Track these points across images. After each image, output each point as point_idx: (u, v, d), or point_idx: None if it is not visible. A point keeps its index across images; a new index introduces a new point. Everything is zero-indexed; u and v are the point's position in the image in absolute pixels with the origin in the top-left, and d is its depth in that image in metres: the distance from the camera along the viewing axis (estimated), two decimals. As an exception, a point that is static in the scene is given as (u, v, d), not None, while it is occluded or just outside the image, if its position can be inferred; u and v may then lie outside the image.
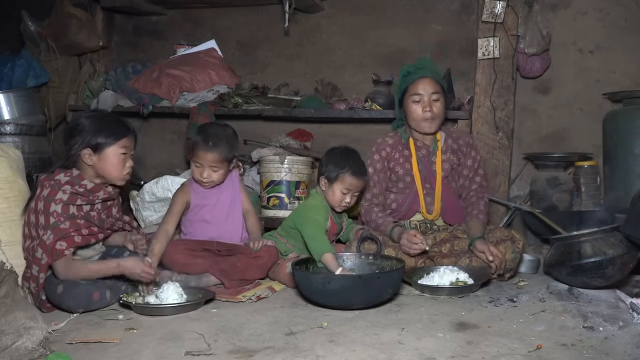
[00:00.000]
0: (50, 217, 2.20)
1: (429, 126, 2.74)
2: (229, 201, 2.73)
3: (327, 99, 3.71)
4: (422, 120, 2.74)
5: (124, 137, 2.33)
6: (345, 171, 2.58)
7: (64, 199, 2.23)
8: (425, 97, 2.71)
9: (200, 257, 2.57)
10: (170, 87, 3.72)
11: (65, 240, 2.17)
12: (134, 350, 1.79)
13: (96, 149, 2.29)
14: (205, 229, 2.70)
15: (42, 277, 2.18)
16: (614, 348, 1.78)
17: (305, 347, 1.80)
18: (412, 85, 2.74)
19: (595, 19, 3.61)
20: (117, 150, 2.31)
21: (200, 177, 2.62)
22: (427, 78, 2.73)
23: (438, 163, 2.80)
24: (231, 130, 2.71)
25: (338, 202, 2.64)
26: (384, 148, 2.84)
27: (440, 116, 2.76)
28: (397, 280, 2.27)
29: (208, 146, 2.57)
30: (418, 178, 2.79)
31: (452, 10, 3.83)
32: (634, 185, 3.00)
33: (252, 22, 4.18)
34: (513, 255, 2.54)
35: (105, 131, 2.30)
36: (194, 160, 2.63)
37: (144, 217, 3.18)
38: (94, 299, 2.19)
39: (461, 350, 1.77)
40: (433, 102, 2.72)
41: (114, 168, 2.32)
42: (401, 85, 2.81)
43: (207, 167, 2.60)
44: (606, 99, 3.53)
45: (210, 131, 2.63)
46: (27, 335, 1.70)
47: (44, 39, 4.06)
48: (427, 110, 2.70)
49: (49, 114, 4.08)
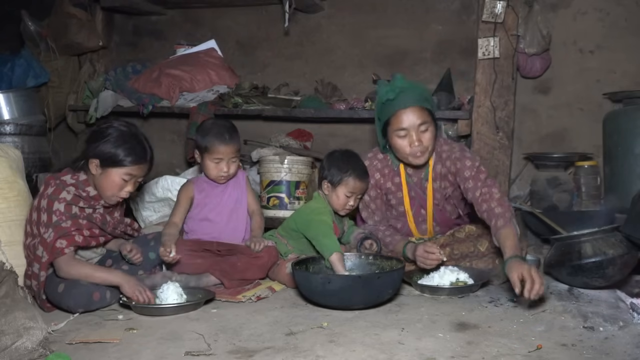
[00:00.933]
0: (52, 216, 2.20)
1: (419, 160, 2.50)
2: (233, 200, 2.75)
3: (327, 99, 3.71)
4: (410, 155, 2.48)
5: (134, 165, 2.27)
6: (349, 175, 2.59)
7: (68, 199, 2.22)
8: (412, 131, 2.42)
9: (201, 258, 2.57)
10: (170, 87, 3.72)
11: (66, 239, 2.17)
12: (134, 350, 1.79)
13: (103, 164, 2.26)
14: (207, 228, 2.71)
15: (42, 275, 2.18)
16: (614, 348, 1.78)
17: (305, 347, 1.80)
18: (394, 118, 2.43)
19: (595, 19, 3.61)
20: (121, 174, 2.27)
21: (220, 172, 2.65)
22: (411, 108, 2.41)
23: (429, 190, 2.65)
24: (230, 122, 2.75)
25: (342, 205, 2.64)
26: (373, 174, 2.66)
27: (431, 146, 2.49)
28: (397, 280, 2.27)
29: (225, 139, 2.62)
30: (410, 212, 2.69)
31: (452, 10, 3.83)
32: (634, 185, 3.00)
33: (252, 22, 4.18)
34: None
35: (120, 151, 2.24)
36: (211, 158, 2.64)
37: (144, 217, 3.17)
38: (95, 299, 2.18)
39: (461, 351, 1.76)
40: (421, 133, 2.43)
41: (109, 188, 2.27)
42: (381, 113, 2.51)
43: (227, 160, 2.64)
44: (606, 99, 3.53)
45: (219, 125, 2.67)
46: (27, 336, 1.69)
47: (43, 39, 4.06)
48: (416, 145, 2.44)
49: (49, 114, 4.08)
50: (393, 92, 2.43)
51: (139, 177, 2.33)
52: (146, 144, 2.34)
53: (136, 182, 2.34)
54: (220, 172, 2.65)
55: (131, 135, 2.30)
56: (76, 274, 2.17)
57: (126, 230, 2.49)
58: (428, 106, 2.48)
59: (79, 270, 2.19)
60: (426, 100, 2.48)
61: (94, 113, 3.78)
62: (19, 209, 2.41)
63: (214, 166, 2.65)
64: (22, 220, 2.41)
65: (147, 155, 2.32)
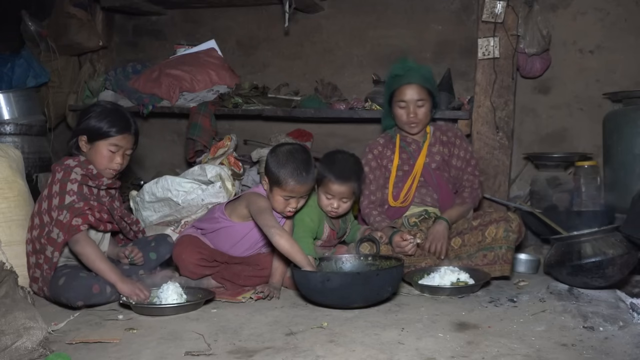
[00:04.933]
0: (66, 196, 2.27)
1: (414, 129, 2.86)
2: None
3: (327, 99, 3.71)
4: (406, 124, 2.85)
5: (118, 135, 2.38)
6: (327, 175, 2.53)
7: (78, 179, 2.32)
8: (411, 105, 2.80)
9: (209, 269, 2.51)
10: (170, 87, 3.72)
11: (81, 217, 2.24)
12: (134, 350, 1.79)
13: (90, 139, 2.37)
14: (231, 250, 2.56)
15: (56, 257, 2.24)
16: (614, 348, 1.78)
17: (305, 347, 1.80)
18: (398, 90, 2.82)
19: (595, 19, 3.61)
20: (107, 145, 2.37)
21: (288, 208, 2.40)
22: (413, 85, 2.79)
23: (422, 155, 2.86)
24: (307, 153, 2.46)
25: (325, 207, 2.60)
26: (376, 147, 2.93)
27: (425, 119, 2.86)
28: (397, 277, 2.26)
29: (302, 177, 2.35)
30: (395, 167, 2.88)
31: (452, 10, 3.83)
32: (634, 185, 2.99)
33: (252, 22, 4.18)
34: (505, 234, 2.55)
35: (103, 124, 2.36)
36: (282, 194, 2.36)
37: (144, 217, 3.17)
38: (94, 291, 2.22)
39: (461, 350, 1.77)
40: (418, 107, 2.81)
41: (99, 160, 2.38)
42: (388, 87, 2.89)
43: (298, 198, 2.40)
44: (606, 99, 3.53)
45: (298, 159, 2.36)
46: (27, 335, 1.70)
47: (44, 39, 4.06)
48: (412, 116, 2.81)
49: (49, 114, 4.08)
50: (402, 70, 2.82)
51: (127, 149, 2.43)
52: (130, 117, 2.46)
53: (125, 155, 2.43)
54: (288, 208, 2.40)
55: (114, 109, 2.45)
56: (86, 253, 2.23)
57: (131, 226, 2.56)
58: (428, 86, 2.83)
59: (90, 250, 2.24)
60: (427, 80, 2.84)
61: (94, 113, 3.78)
62: (19, 209, 2.41)
63: (283, 202, 2.38)
64: (22, 220, 2.41)
65: (131, 126, 2.43)
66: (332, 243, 2.74)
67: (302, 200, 2.43)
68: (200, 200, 2.98)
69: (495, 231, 2.57)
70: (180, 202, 3.00)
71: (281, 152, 2.39)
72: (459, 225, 2.74)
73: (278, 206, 2.40)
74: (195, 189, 3.01)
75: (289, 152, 2.39)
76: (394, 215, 2.86)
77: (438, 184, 2.86)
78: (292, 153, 2.38)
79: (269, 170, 2.38)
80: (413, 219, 2.83)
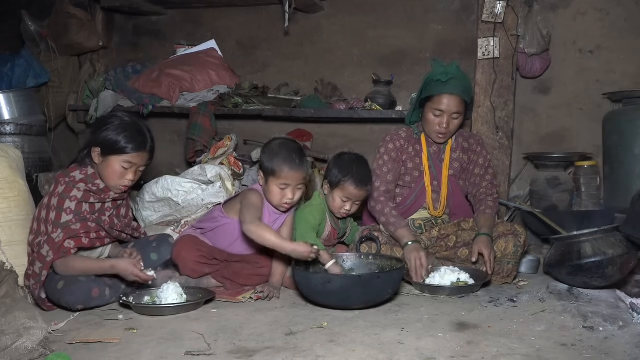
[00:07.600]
0: (62, 214, 2.22)
1: (441, 140, 2.76)
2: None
3: (327, 99, 3.71)
4: (434, 132, 2.74)
5: (133, 153, 2.29)
6: (347, 179, 2.53)
7: (79, 197, 2.26)
8: (446, 116, 2.68)
9: (209, 267, 2.51)
10: (170, 87, 3.72)
11: (74, 240, 2.20)
12: (134, 350, 1.79)
13: (104, 152, 2.29)
14: (230, 248, 2.57)
15: (44, 274, 2.19)
16: (614, 348, 1.78)
17: (305, 347, 1.80)
18: (438, 97, 2.67)
19: (595, 19, 3.61)
20: (121, 161, 2.29)
21: (284, 199, 2.40)
22: (454, 96, 2.65)
23: (446, 161, 2.80)
24: (299, 145, 2.51)
25: (337, 208, 2.61)
26: (398, 139, 2.82)
27: (454, 132, 2.77)
28: (397, 280, 2.27)
29: (295, 164, 2.37)
30: (427, 173, 2.79)
31: (452, 10, 3.83)
32: (634, 185, 3.00)
33: (252, 22, 4.18)
34: (514, 249, 2.55)
35: (120, 139, 2.27)
36: (278, 183, 2.37)
37: (144, 217, 3.17)
38: (93, 295, 2.20)
39: (461, 350, 1.77)
40: (452, 119, 2.69)
41: (110, 176, 2.30)
42: (427, 88, 2.72)
43: (294, 186, 2.40)
44: (606, 99, 3.53)
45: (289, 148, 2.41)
46: (27, 335, 1.70)
47: (44, 39, 4.06)
48: (445, 126, 2.69)
49: (49, 114, 4.08)
50: (446, 76, 2.65)
51: (140, 166, 2.35)
52: (147, 133, 2.36)
53: (137, 171, 2.35)
54: (284, 199, 2.40)
55: (132, 124, 2.34)
56: (69, 268, 2.19)
57: (133, 234, 2.53)
58: (467, 99, 2.72)
59: (72, 264, 2.20)
60: (467, 94, 2.72)
61: (94, 113, 3.78)
62: (19, 209, 2.41)
63: (279, 192, 2.39)
64: (22, 220, 2.41)
65: (147, 144, 2.34)
66: (332, 242, 2.75)
67: (298, 192, 2.42)
68: (201, 200, 2.98)
69: (504, 245, 2.56)
70: (181, 202, 3.00)
71: (274, 144, 2.45)
72: (466, 236, 2.68)
73: (274, 198, 2.41)
74: (195, 189, 3.01)
75: (281, 143, 2.45)
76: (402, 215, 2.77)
77: (453, 190, 2.81)
78: (284, 144, 2.44)
79: (263, 162, 2.42)
80: (419, 222, 2.82)
